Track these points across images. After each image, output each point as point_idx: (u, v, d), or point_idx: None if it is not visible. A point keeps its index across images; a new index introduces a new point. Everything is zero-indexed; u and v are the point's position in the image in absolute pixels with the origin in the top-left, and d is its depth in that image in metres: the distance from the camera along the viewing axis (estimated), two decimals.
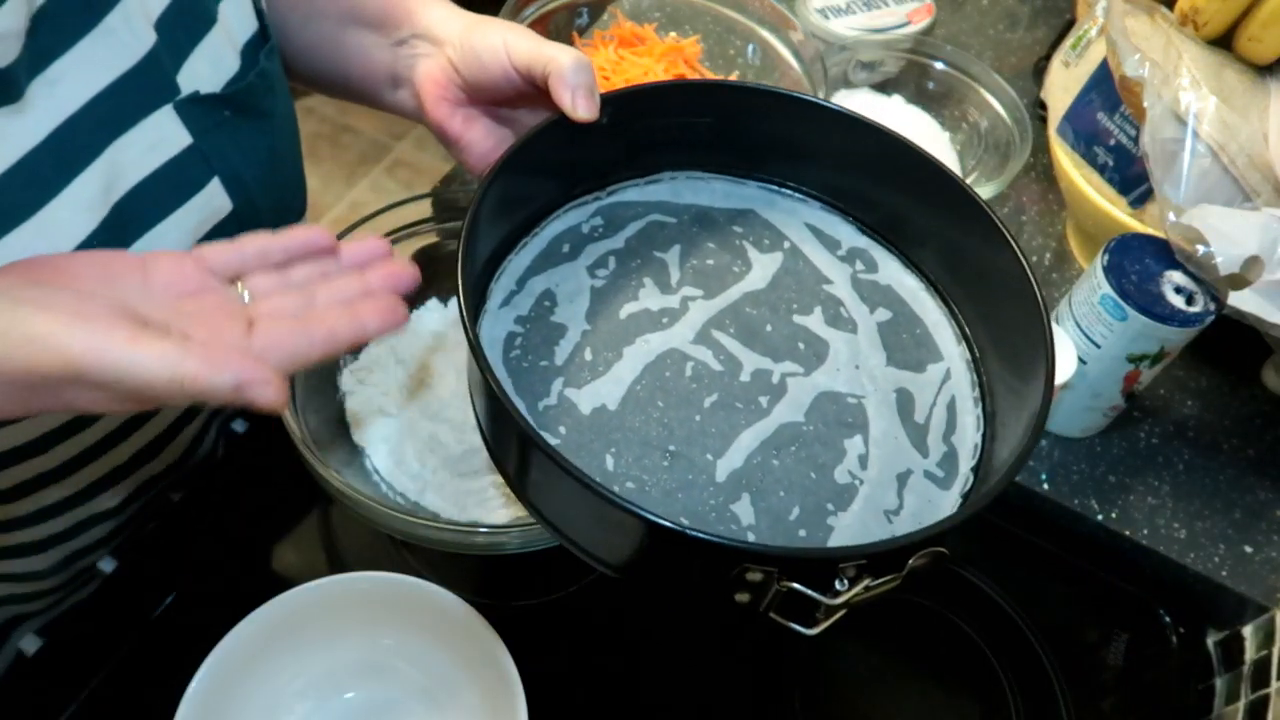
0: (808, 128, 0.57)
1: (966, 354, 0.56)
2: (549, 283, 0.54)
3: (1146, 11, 0.74)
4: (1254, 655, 0.65)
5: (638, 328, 0.53)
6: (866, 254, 0.59)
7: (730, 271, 0.56)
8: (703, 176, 0.59)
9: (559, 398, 0.50)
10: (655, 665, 0.63)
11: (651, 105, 0.56)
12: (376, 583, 0.55)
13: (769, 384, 0.52)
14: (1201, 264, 0.63)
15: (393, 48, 0.59)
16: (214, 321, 0.41)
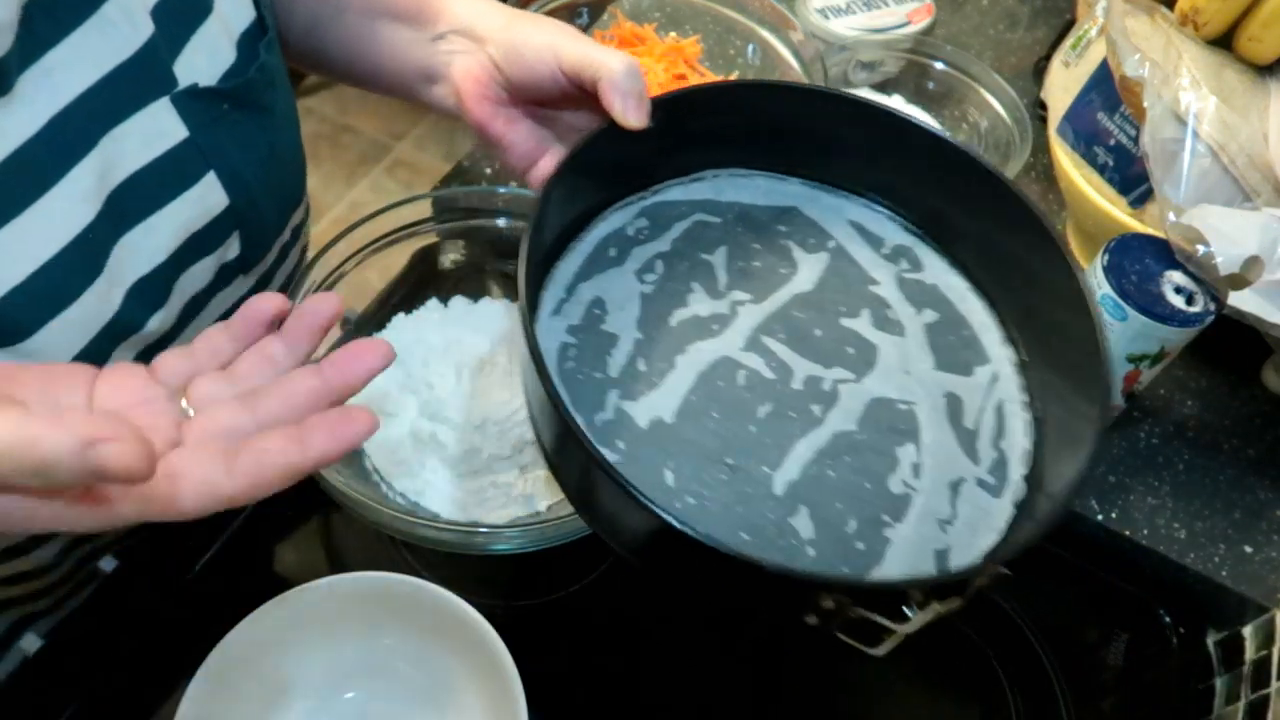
0: (849, 125, 0.57)
1: (1013, 356, 0.55)
2: (598, 289, 0.54)
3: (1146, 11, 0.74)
4: (1254, 655, 0.65)
5: (689, 335, 0.53)
6: (911, 252, 0.58)
7: (777, 273, 0.56)
8: (744, 174, 0.59)
9: (615, 411, 0.50)
10: (655, 665, 0.63)
11: (699, 108, 0.55)
12: (376, 583, 0.55)
13: (821, 391, 0.52)
14: (1201, 264, 0.63)
15: (428, 43, 0.58)
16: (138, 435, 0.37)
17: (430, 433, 0.62)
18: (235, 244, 0.58)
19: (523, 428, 0.62)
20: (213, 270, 0.57)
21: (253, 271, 0.62)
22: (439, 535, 0.55)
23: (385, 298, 0.69)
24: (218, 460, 0.36)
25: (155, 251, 0.52)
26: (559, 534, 0.55)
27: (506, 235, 0.68)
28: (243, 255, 0.59)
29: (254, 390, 0.39)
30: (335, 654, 0.56)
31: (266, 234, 0.61)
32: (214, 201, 0.54)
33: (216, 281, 0.58)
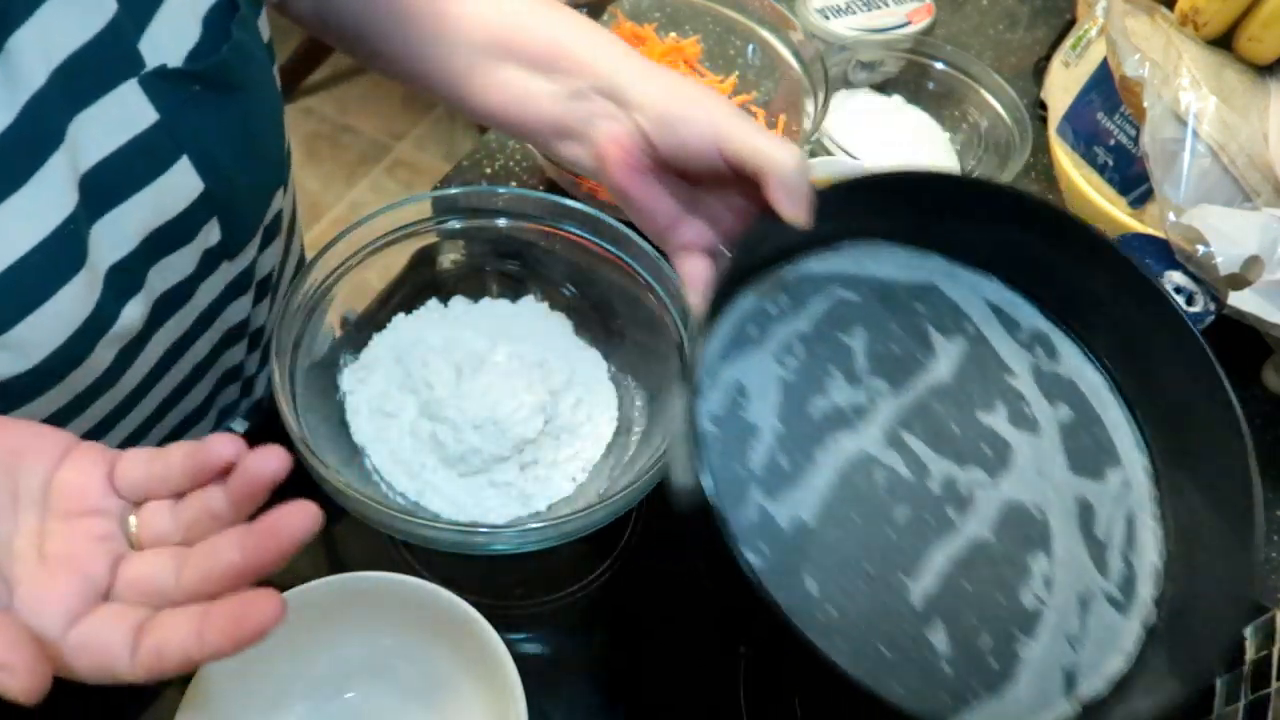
0: (997, 212, 0.55)
1: (1146, 463, 0.54)
2: (739, 373, 0.53)
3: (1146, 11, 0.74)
4: (1254, 655, 0.65)
5: (829, 427, 0.52)
6: (1048, 340, 0.57)
7: (915, 360, 0.55)
8: (884, 245, 0.57)
9: (759, 511, 0.49)
10: (656, 665, 0.63)
11: (859, 197, 0.54)
12: (376, 583, 0.55)
13: (957, 494, 0.52)
14: (1201, 264, 0.63)
15: (565, 98, 0.55)
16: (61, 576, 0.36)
17: (430, 433, 0.62)
18: (215, 230, 0.56)
19: (523, 427, 0.62)
20: (194, 259, 0.56)
21: (238, 258, 0.60)
22: (439, 535, 0.55)
23: (385, 298, 0.69)
24: (126, 639, 0.36)
25: (126, 239, 0.51)
26: (559, 534, 0.55)
27: (506, 235, 0.68)
28: (224, 241, 0.57)
29: (185, 549, 0.38)
30: (335, 654, 0.56)
31: (247, 218, 0.59)
32: (188, 187, 0.53)
33: (200, 270, 0.57)
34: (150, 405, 0.61)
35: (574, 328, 0.70)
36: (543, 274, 0.70)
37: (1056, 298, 0.57)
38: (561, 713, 0.60)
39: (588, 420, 0.66)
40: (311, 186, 2.07)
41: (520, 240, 0.69)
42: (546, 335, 0.69)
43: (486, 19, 0.58)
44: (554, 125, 0.56)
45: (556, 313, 0.70)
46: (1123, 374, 0.56)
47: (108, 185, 0.49)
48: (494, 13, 0.58)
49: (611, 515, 0.56)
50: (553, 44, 0.56)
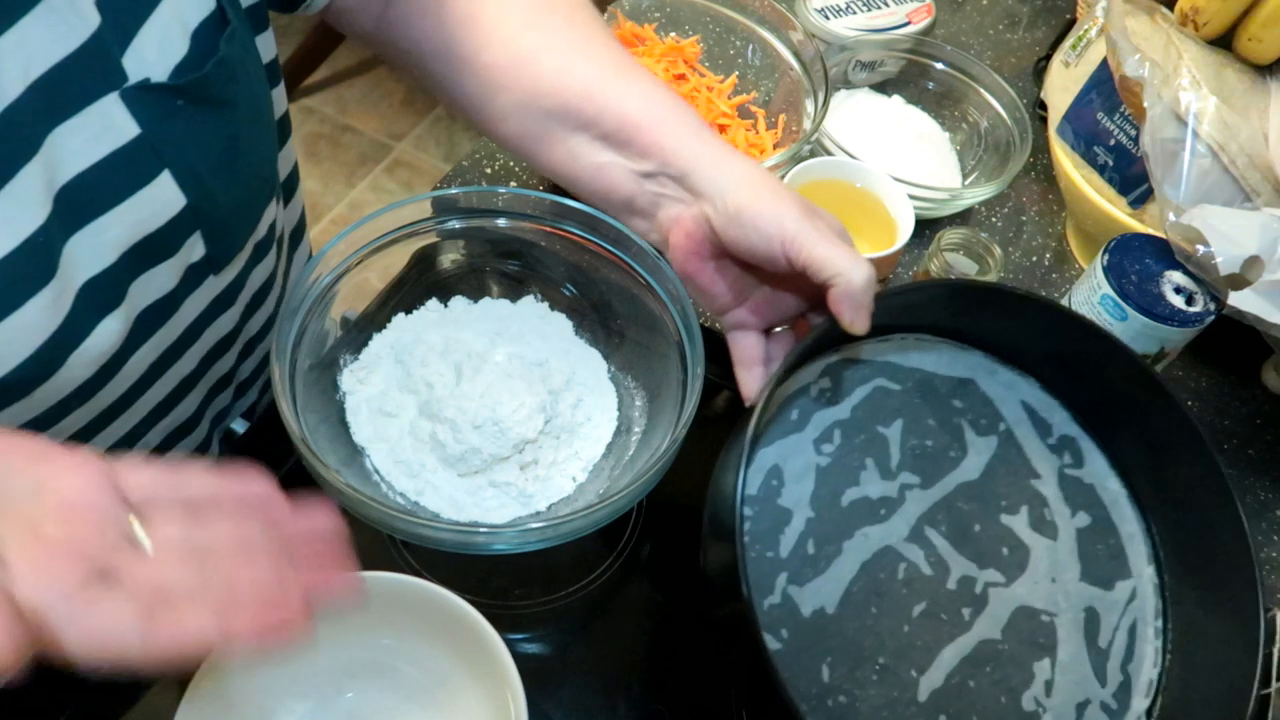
0: (1042, 321, 0.57)
1: (1155, 577, 0.56)
2: (777, 457, 0.54)
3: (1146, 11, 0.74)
4: None
5: (858, 519, 0.54)
6: (1075, 445, 0.59)
7: (947, 457, 0.57)
8: (929, 339, 0.59)
9: (782, 595, 0.51)
10: (655, 666, 0.63)
11: (907, 311, 0.57)
12: (376, 583, 0.55)
13: (972, 594, 0.54)
14: (1201, 264, 0.63)
15: (637, 178, 0.55)
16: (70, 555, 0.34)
17: (430, 432, 0.62)
18: (199, 245, 0.55)
19: (523, 427, 0.62)
20: (177, 274, 0.55)
21: (225, 271, 0.59)
22: (439, 535, 0.55)
23: (385, 298, 0.69)
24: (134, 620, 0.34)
25: (105, 253, 0.50)
26: (559, 534, 0.55)
27: (506, 235, 0.68)
28: (209, 256, 0.56)
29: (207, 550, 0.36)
30: (335, 654, 0.56)
31: (233, 233, 0.58)
32: (169, 201, 0.51)
33: (183, 285, 0.56)
34: (134, 418, 0.61)
35: (574, 328, 0.70)
36: (543, 274, 0.70)
37: (1088, 406, 0.59)
38: (561, 713, 0.60)
39: (588, 420, 0.66)
40: (311, 186, 2.07)
41: (520, 240, 0.69)
42: (546, 335, 0.69)
43: (559, 87, 0.57)
44: (623, 200, 0.57)
45: (556, 313, 0.70)
46: (1142, 486, 0.57)
47: (86, 198, 0.48)
48: (568, 80, 0.57)
49: (611, 515, 0.56)
50: (627, 120, 0.55)
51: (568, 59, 0.57)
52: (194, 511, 0.37)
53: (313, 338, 0.62)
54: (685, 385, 0.61)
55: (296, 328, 0.60)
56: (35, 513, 0.35)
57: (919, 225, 0.79)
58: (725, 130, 0.84)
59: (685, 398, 0.60)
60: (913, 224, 0.75)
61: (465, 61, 0.59)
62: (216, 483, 0.38)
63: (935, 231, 0.75)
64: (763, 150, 0.82)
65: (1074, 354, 0.57)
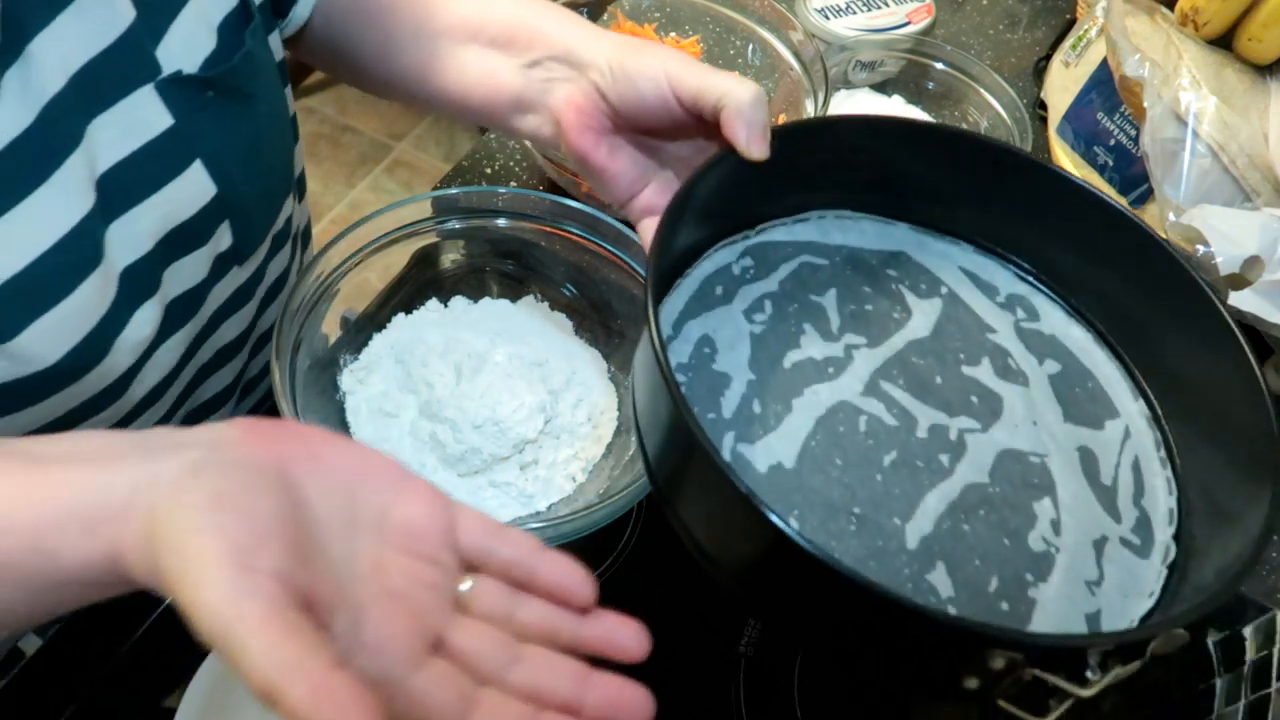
0: (962, 164, 0.54)
1: (1145, 410, 0.53)
2: (706, 328, 0.51)
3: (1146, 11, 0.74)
4: (1254, 655, 0.65)
5: (804, 378, 0.51)
6: (1026, 301, 0.56)
7: (891, 318, 0.54)
8: (851, 216, 0.56)
9: (732, 454, 0.47)
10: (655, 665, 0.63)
11: (819, 142, 0.53)
12: None
13: (947, 441, 0.50)
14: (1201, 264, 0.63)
15: (521, 70, 0.56)
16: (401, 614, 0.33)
17: (430, 432, 0.62)
18: (227, 235, 0.57)
19: (523, 427, 0.62)
20: (207, 263, 0.57)
21: (247, 263, 0.61)
22: None
23: (385, 298, 0.69)
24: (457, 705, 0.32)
25: (141, 241, 0.51)
26: (559, 534, 0.55)
27: (506, 235, 0.68)
28: (235, 245, 0.58)
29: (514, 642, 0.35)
30: None
31: (256, 223, 0.60)
32: (200, 191, 0.53)
33: (212, 275, 0.58)
34: (158, 413, 0.61)
35: (574, 328, 0.70)
36: (543, 274, 0.70)
37: (1032, 256, 0.56)
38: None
39: (588, 420, 0.66)
40: (312, 186, 2.06)
41: (520, 240, 0.69)
42: (546, 335, 0.69)
43: (446, 8, 0.60)
44: (513, 99, 0.57)
45: (556, 313, 0.71)
46: (1112, 329, 0.55)
47: (123, 187, 0.50)
48: (463, 3, 0.60)
49: (612, 515, 0.56)
50: (509, 21, 0.57)
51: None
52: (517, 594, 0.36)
53: (312, 338, 0.62)
54: None
55: (297, 328, 0.60)
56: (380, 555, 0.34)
57: None
58: None
59: None
60: None
61: (371, 13, 0.62)
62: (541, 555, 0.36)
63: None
64: None
65: (1003, 194, 0.53)
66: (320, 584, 0.32)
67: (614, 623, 0.36)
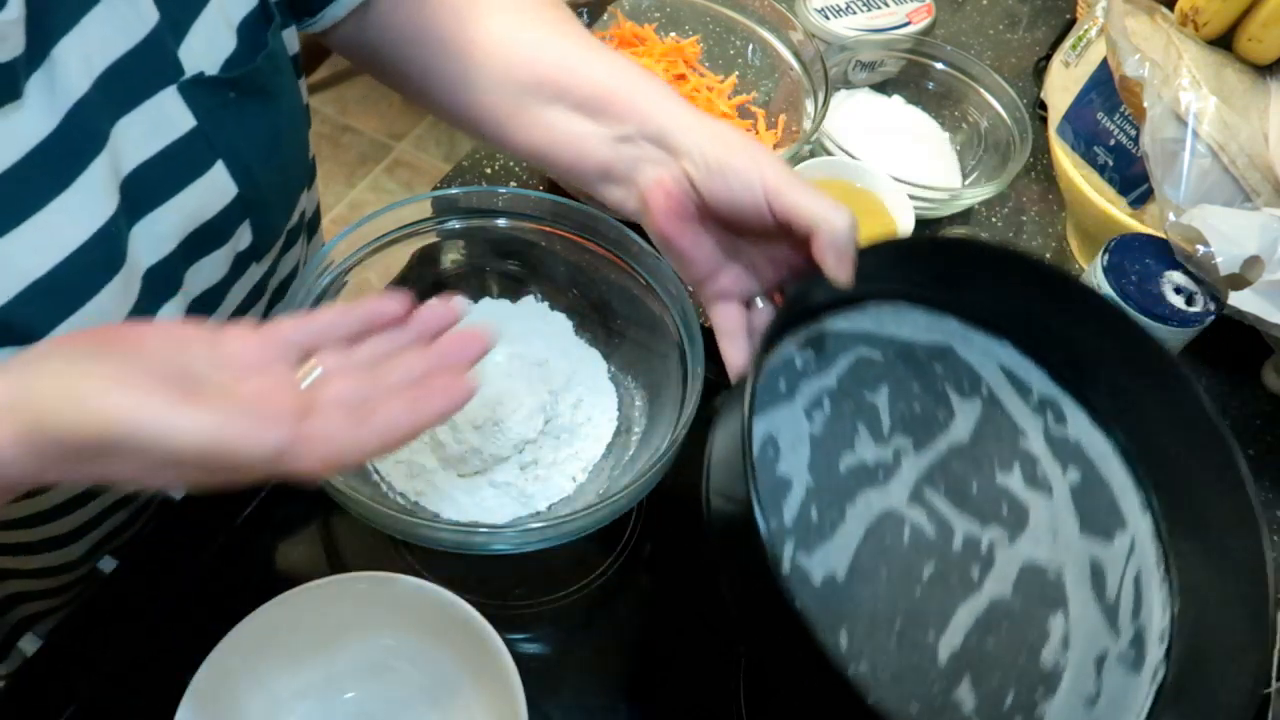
0: (1008, 275, 0.56)
1: (1151, 525, 0.55)
2: (770, 427, 0.54)
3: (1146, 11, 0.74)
4: None
5: (857, 483, 0.54)
6: (1057, 405, 0.58)
7: (936, 420, 0.57)
8: (903, 306, 0.59)
9: (792, 565, 0.50)
10: (655, 665, 0.63)
11: (882, 262, 0.55)
12: (376, 583, 0.55)
13: (978, 553, 0.53)
14: (1201, 264, 0.63)
15: (612, 142, 0.55)
16: (272, 398, 0.40)
17: (430, 433, 0.62)
18: (247, 233, 0.57)
19: (523, 427, 0.62)
20: (228, 262, 0.57)
21: (264, 259, 0.62)
22: (439, 535, 0.55)
23: None
24: (346, 425, 0.39)
25: (164, 242, 0.52)
26: (559, 534, 0.55)
27: (506, 235, 0.68)
28: (255, 243, 0.58)
29: (375, 362, 0.43)
30: (335, 654, 0.56)
31: (275, 221, 0.60)
32: (222, 190, 0.54)
33: (232, 272, 0.58)
34: None
35: (574, 328, 0.70)
36: (543, 274, 0.70)
37: (1064, 362, 0.58)
38: (561, 713, 0.60)
39: (588, 420, 0.66)
40: None
41: (520, 240, 0.69)
42: (546, 335, 0.69)
43: (534, 59, 0.57)
44: (600, 168, 0.57)
45: (556, 313, 0.70)
46: (1128, 438, 0.57)
47: (147, 188, 0.50)
48: (542, 53, 0.58)
49: (612, 515, 0.56)
50: (601, 87, 0.56)
51: (543, 34, 0.59)
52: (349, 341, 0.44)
53: None
54: (685, 385, 0.61)
55: None
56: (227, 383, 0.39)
57: (919, 225, 0.79)
58: None
59: (685, 398, 0.60)
60: (913, 224, 0.75)
61: (444, 43, 0.60)
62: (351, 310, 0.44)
63: (935, 231, 0.75)
64: None
65: (1042, 306, 0.56)
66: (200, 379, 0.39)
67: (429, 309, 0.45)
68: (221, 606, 0.54)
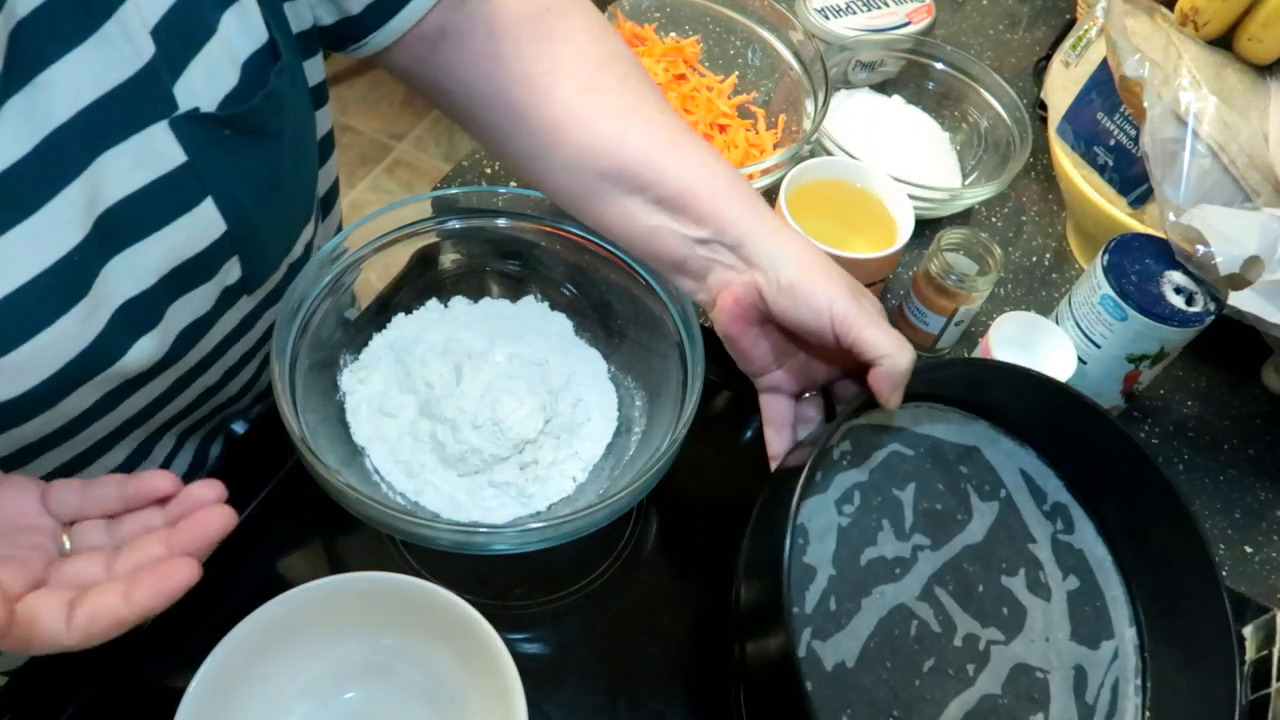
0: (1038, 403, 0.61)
1: (1135, 638, 0.60)
2: (803, 517, 0.57)
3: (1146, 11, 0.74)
4: (1254, 655, 0.65)
5: (875, 577, 0.57)
6: (1067, 512, 0.63)
7: (955, 520, 0.61)
8: (939, 407, 0.62)
9: (807, 649, 0.54)
10: (655, 666, 0.63)
11: (932, 385, 0.61)
12: (376, 583, 0.55)
13: (976, 650, 0.57)
14: (1201, 264, 0.63)
15: (690, 242, 0.57)
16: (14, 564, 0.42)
17: (430, 432, 0.62)
18: (236, 268, 0.56)
19: (522, 427, 0.62)
20: (213, 296, 0.56)
21: (257, 293, 0.60)
22: (439, 535, 0.55)
23: (385, 298, 0.69)
24: (61, 610, 0.40)
25: (144, 276, 0.50)
26: (559, 534, 0.55)
27: (506, 235, 0.68)
28: (244, 278, 0.57)
29: (114, 552, 0.44)
30: (335, 654, 0.56)
31: (269, 256, 0.59)
32: (209, 227, 0.52)
33: (218, 307, 0.57)
34: (154, 425, 0.61)
35: (574, 328, 0.70)
36: (543, 274, 0.70)
37: (1078, 473, 0.63)
38: (561, 713, 0.60)
39: (588, 420, 0.66)
40: None
41: (520, 240, 0.69)
42: (546, 335, 0.69)
43: (616, 150, 0.57)
44: (675, 262, 0.59)
45: (556, 313, 0.70)
46: (1125, 552, 0.61)
47: (129, 221, 0.49)
48: (625, 145, 0.57)
49: (611, 515, 0.56)
50: (685, 187, 0.56)
51: (625, 123, 0.58)
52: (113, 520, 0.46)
53: (312, 338, 0.62)
54: (685, 385, 0.61)
55: (296, 328, 0.60)
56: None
57: (919, 225, 0.79)
58: (725, 130, 0.84)
59: (685, 398, 0.60)
60: (913, 224, 0.75)
61: (520, 117, 0.59)
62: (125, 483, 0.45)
63: (935, 231, 0.75)
64: (763, 150, 0.82)
65: (1066, 424, 0.60)
66: None
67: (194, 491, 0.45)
68: (221, 606, 0.54)
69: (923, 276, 0.74)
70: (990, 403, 0.63)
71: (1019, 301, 0.82)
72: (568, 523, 0.55)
